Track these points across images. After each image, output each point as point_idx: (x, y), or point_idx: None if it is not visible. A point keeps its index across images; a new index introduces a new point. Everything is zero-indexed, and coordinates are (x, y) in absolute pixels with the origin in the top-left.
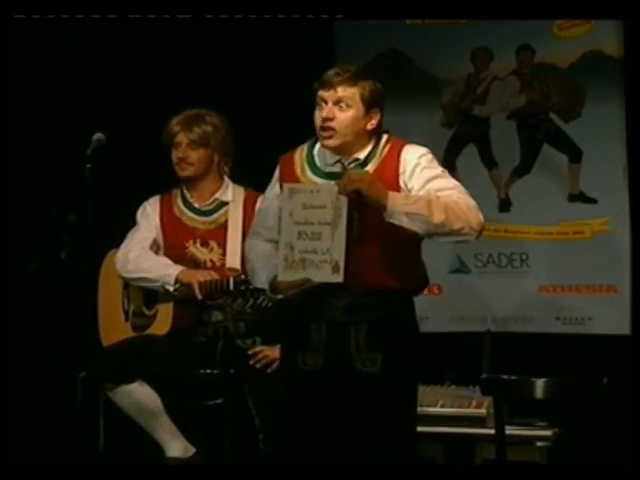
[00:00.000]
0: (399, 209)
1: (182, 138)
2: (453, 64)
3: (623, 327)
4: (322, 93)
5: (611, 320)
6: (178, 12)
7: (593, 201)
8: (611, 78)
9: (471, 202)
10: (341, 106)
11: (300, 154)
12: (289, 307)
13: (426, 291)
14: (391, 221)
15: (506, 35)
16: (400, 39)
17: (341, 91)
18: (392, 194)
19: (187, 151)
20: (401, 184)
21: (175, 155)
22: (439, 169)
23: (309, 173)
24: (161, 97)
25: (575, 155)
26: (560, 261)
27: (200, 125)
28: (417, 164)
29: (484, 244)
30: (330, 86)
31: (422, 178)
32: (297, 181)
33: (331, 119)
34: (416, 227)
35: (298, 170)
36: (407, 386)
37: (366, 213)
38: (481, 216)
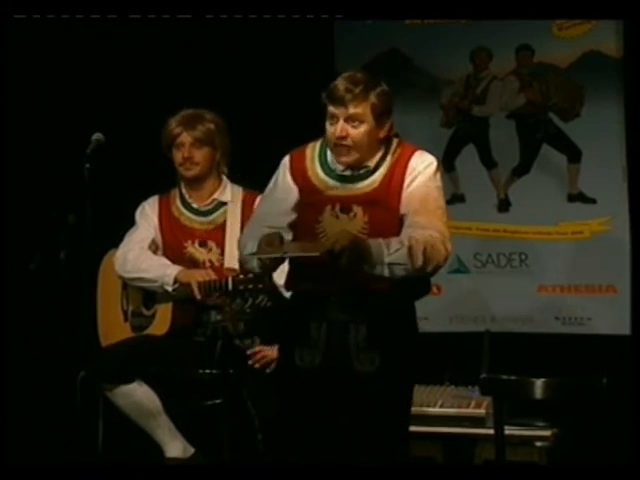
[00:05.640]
0: (381, 260)
1: (185, 137)
2: (453, 64)
3: (622, 327)
4: (332, 109)
5: (610, 320)
6: (178, 12)
7: (592, 201)
8: (610, 78)
9: (446, 234)
10: (353, 123)
11: (312, 150)
12: (289, 305)
13: None
14: (372, 272)
15: (505, 35)
16: (400, 39)
17: (352, 108)
18: (374, 248)
19: (192, 150)
20: (404, 187)
21: (179, 155)
22: (436, 184)
23: (320, 171)
24: (161, 97)
25: (574, 155)
26: (559, 261)
27: (203, 123)
28: (419, 172)
29: (483, 244)
30: (340, 103)
31: (414, 186)
32: (306, 175)
33: (345, 137)
34: (394, 275)
35: (309, 165)
36: (404, 387)
37: (370, 215)
38: (450, 246)
